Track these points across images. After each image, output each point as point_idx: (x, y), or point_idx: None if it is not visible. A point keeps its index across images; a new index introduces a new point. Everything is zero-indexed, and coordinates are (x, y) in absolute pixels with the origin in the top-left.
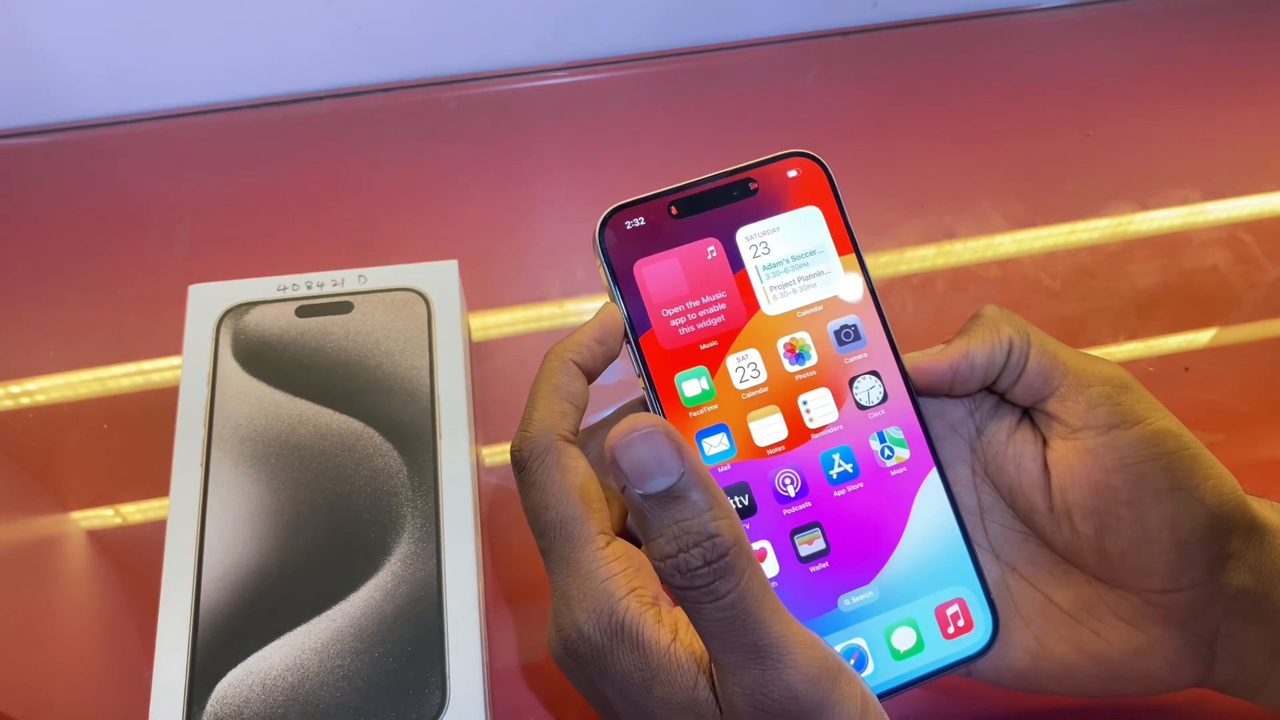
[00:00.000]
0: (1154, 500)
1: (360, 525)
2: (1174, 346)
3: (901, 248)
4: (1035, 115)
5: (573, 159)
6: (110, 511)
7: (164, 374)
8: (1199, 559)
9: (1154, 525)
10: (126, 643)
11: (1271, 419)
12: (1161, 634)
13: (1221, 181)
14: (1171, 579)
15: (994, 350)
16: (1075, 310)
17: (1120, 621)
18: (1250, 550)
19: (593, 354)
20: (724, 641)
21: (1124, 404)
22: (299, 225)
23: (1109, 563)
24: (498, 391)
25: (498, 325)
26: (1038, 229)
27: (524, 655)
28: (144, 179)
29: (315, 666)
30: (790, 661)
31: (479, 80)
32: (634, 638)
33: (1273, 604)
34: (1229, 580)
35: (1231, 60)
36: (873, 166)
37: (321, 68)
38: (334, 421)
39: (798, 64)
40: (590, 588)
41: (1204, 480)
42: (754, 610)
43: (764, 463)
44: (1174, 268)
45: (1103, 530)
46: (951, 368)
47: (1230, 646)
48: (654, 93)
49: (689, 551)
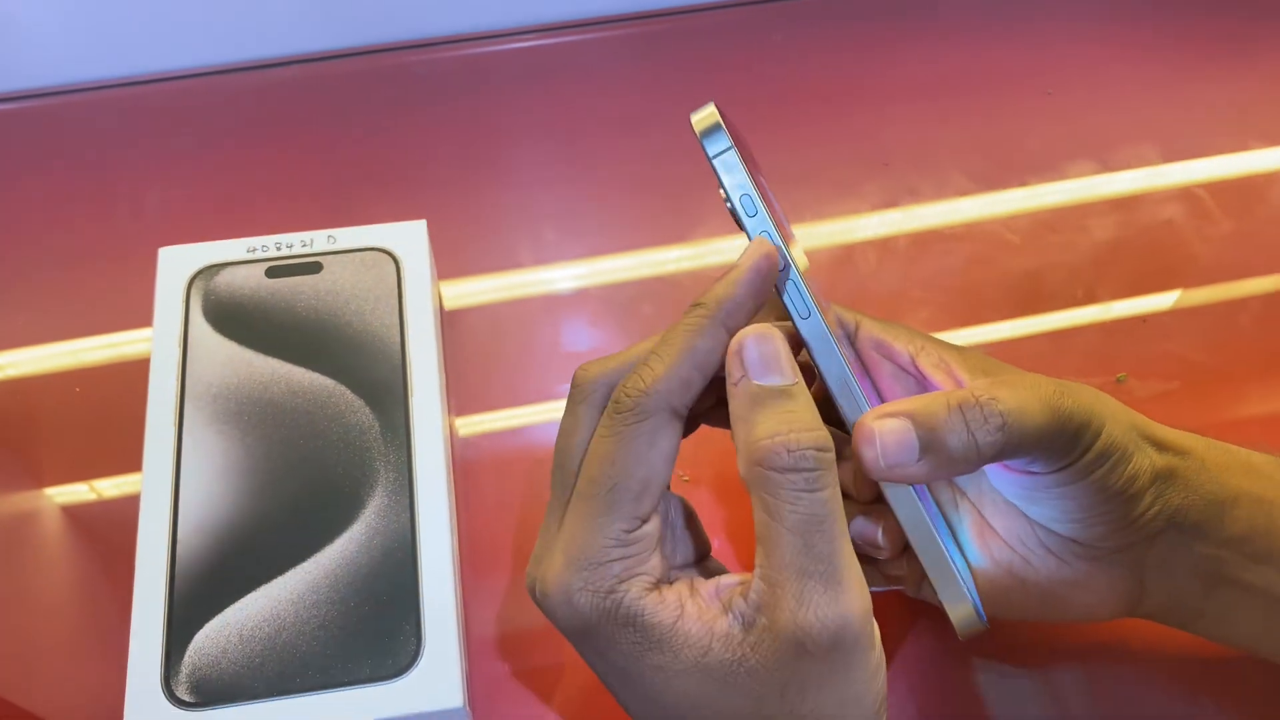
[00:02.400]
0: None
1: (334, 479)
2: (1130, 298)
3: (865, 205)
4: (996, 74)
5: (541, 123)
6: (84, 487)
7: (135, 344)
8: (1117, 507)
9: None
10: (102, 606)
11: (1224, 367)
12: (1088, 569)
13: (1178, 139)
14: (1093, 529)
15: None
16: (1035, 264)
17: (1049, 554)
18: (1170, 487)
19: (746, 311)
20: (804, 541)
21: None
22: (268, 191)
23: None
24: (470, 360)
25: (470, 294)
26: (998, 186)
27: (499, 606)
28: (111, 147)
29: (292, 617)
30: (850, 586)
31: (445, 44)
32: (632, 619)
33: (1199, 533)
34: (1151, 519)
35: (1188, 21)
36: (837, 125)
37: (289, 33)
38: (306, 379)
39: (765, 26)
40: (592, 565)
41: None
42: (839, 518)
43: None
44: (1131, 223)
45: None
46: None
47: (1159, 579)
48: (622, 56)
49: (800, 435)
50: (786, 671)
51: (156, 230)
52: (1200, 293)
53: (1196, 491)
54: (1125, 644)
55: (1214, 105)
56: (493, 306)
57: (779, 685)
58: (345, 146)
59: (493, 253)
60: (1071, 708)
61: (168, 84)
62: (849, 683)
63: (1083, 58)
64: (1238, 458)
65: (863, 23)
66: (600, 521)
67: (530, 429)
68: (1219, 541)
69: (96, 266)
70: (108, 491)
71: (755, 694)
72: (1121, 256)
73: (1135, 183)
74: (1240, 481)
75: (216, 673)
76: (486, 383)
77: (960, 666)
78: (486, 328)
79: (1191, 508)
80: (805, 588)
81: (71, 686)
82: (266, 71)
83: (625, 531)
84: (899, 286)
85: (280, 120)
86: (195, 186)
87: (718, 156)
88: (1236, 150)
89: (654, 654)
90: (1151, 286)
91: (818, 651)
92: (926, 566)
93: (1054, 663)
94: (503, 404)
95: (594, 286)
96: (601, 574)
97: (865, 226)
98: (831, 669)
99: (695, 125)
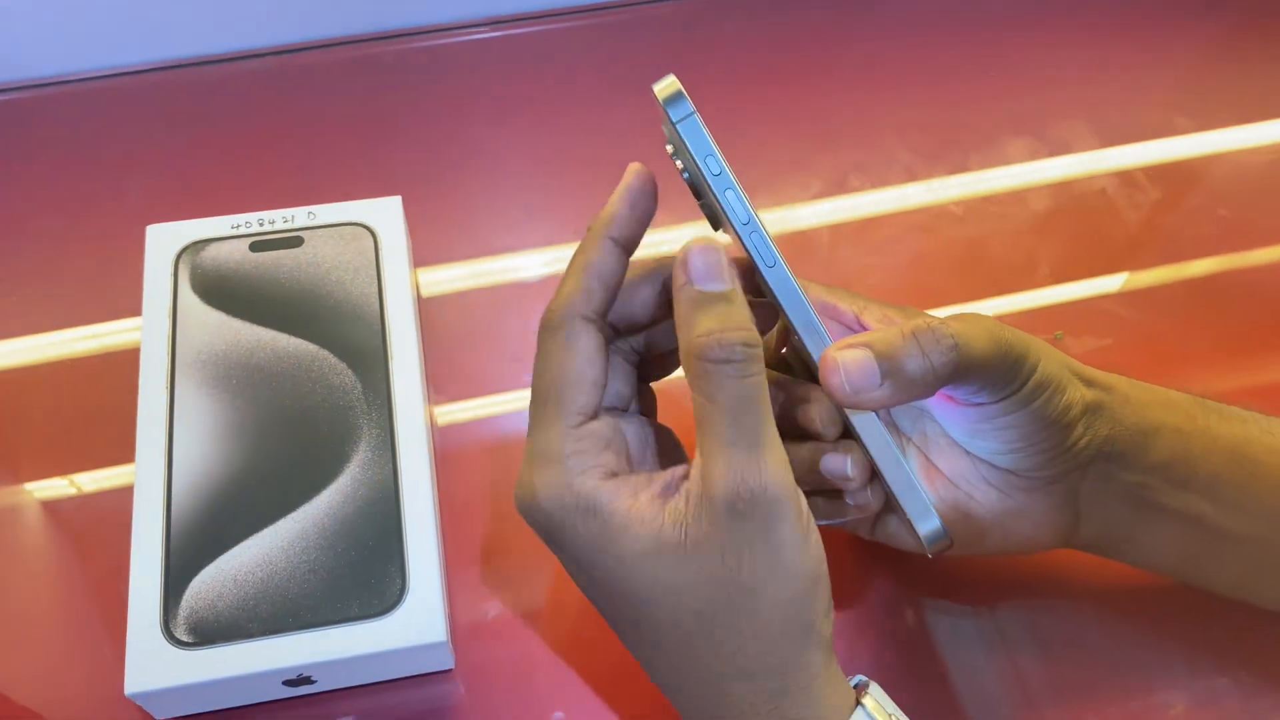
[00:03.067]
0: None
1: (319, 436)
2: (1066, 260)
3: (815, 182)
4: (936, 57)
5: (505, 111)
6: (78, 475)
7: (125, 331)
8: (1053, 435)
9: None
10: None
11: (1154, 321)
12: (1027, 499)
13: (1109, 115)
14: (1031, 458)
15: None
16: (978, 232)
17: (991, 488)
18: (1099, 418)
19: (628, 223)
20: (733, 418)
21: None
22: (246, 179)
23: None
24: (445, 345)
25: (445, 281)
26: (942, 161)
27: (480, 554)
28: (95, 137)
29: (283, 562)
30: (772, 458)
31: (414, 36)
32: (591, 507)
33: (1125, 461)
34: (1083, 448)
35: (1116, 7)
36: (786, 107)
37: (262, 26)
38: (290, 345)
39: (718, 14)
40: (551, 462)
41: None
42: (764, 401)
43: None
44: (1066, 192)
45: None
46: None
47: (1092, 506)
48: (581, 46)
49: (731, 332)
50: (723, 535)
51: (140, 215)
52: (1131, 256)
53: (1122, 423)
54: (1063, 579)
55: (1143, 84)
56: (467, 293)
57: (718, 549)
58: (318, 134)
59: (465, 236)
60: (1014, 640)
61: (146, 76)
62: (778, 547)
63: (1021, 39)
64: (1157, 394)
65: (813, 10)
66: (549, 423)
67: (506, 416)
68: (1143, 469)
69: (82, 249)
70: (101, 478)
71: (700, 563)
72: (1058, 224)
73: (1071, 156)
74: (1160, 414)
75: (213, 615)
76: (461, 368)
77: (912, 607)
78: (460, 314)
79: (1118, 438)
80: (732, 456)
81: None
82: (241, 63)
83: (571, 426)
84: (849, 255)
85: (256, 109)
86: (176, 173)
87: (681, 121)
88: (1163, 125)
89: (614, 544)
90: (1085, 251)
91: (746, 511)
92: (893, 487)
93: (999, 600)
94: (479, 390)
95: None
96: (559, 468)
97: (815, 202)
98: (759, 529)
99: (658, 94)
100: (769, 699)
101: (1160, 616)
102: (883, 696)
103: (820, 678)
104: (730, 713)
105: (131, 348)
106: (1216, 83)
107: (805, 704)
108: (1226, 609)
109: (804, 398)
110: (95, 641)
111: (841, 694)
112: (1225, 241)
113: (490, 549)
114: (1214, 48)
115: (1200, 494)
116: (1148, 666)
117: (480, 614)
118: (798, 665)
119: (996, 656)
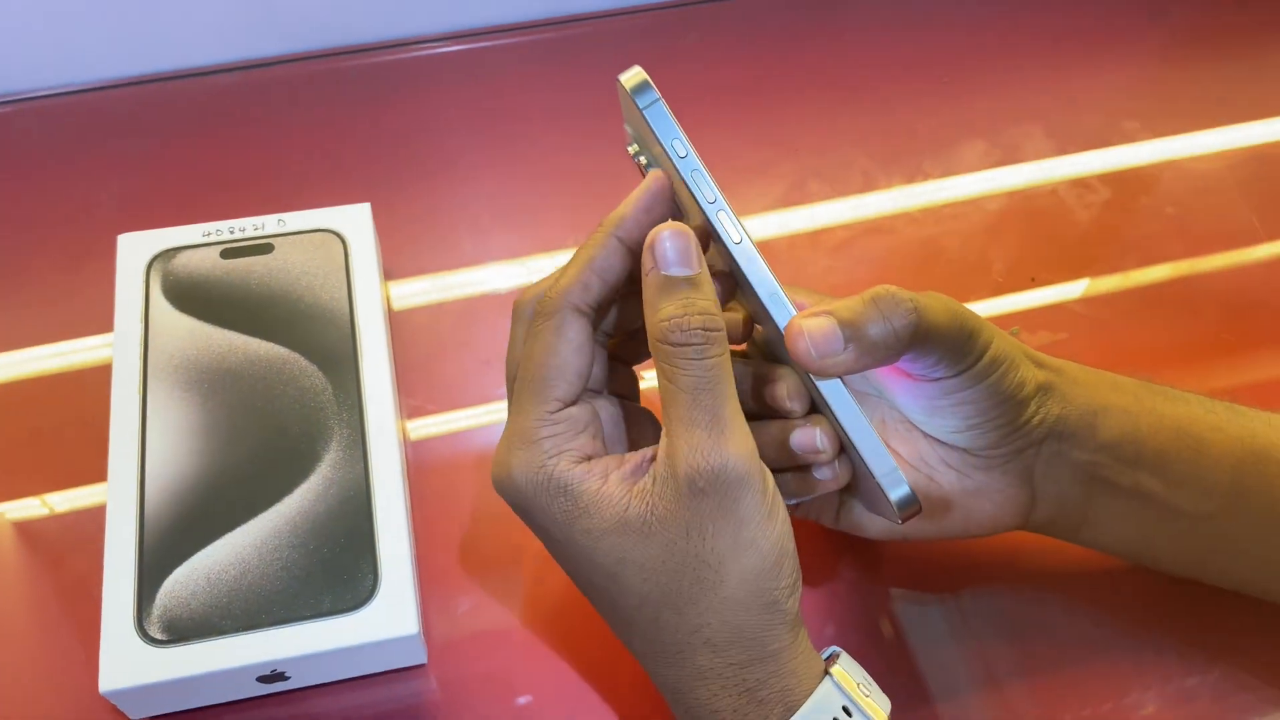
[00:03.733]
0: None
1: (291, 436)
2: (1020, 259)
3: (775, 188)
4: (892, 66)
5: (473, 124)
6: (44, 494)
7: (97, 348)
8: (1007, 411)
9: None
10: (76, 579)
11: (1107, 316)
12: (984, 478)
13: (1058, 120)
14: (987, 435)
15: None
16: (934, 233)
17: (949, 468)
18: (1050, 398)
19: (639, 225)
20: (693, 399)
21: None
22: (217, 191)
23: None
24: (416, 356)
25: (415, 293)
26: (898, 167)
27: (453, 555)
28: (64, 151)
29: (256, 560)
30: (733, 437)
31: (381, 49)
32: (563, 488)
33: (1076, 440)
34: (1035, 425)
35: (1066, 14)
36: (749, 117)
37: (231, 42)
38: (261, 349)
39: (679, 28)
40: (528, 444)
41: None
42: (725, 381)
43: None
44: (1019, 193)
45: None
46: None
47: (1046, 485)
48: (546, 58)
49: (692, 316)
50: (687, 512)
51: (113, 228)
52: (1082, 252)
53: (1072, 403)
54: (1027, 567)
55: (1093, 90)
56: (437, 305)
57: (683, 526)
58: (289, 149)
59: (433, 247)
60: (974, 623)
61: (118, 90)
62: (741, 523)
63: (973, 48)
64: (1104, 377)
65: (771, 22)
66: (529, 407)
67: (477, 426)
68: (1094, 448)
69: (53, 265)
70: (77, 491)
71: (666, 539)
72: (1011, 224)
73: (1023, 159)
74: (1108, 395)
75: (187, 612)
76: (434, 380)
77: (877, 595)
78: (430, 325)
79: (1068, 417)
80: (694, 435)
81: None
82: (209, 78)
83: (550, 413)
84: (809, 259)
85: (225, 123)
86: (146, 187)
87: (649, 107)
88: (1111, 128)
89: (584, 519)
90: (1038, 250)
91: (709, 488)
92: (863, 454)
93: (959, 586)
94: (450, 401)
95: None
96: (534, 450)
97: (776, 204)
98: (721, 506)
99: (625, 83)
100: (736, 670)
101: (1119, 600)
102: (852, 665)
103: (787, 651)
104: (698, 683)
105: (104, 363)
106: (1164, 88)
107: (772, 675)
108: (1186, 592)
109: (771, 377)
110: (69, 643)
111: (809, 665)
112: (1173, 239)
113: (463, 550)
114: (1160, 54)
115: (1149, 471)
116: (1111, 649)
117: (453, 612)
118: (762, 640)
119: (963, 642)
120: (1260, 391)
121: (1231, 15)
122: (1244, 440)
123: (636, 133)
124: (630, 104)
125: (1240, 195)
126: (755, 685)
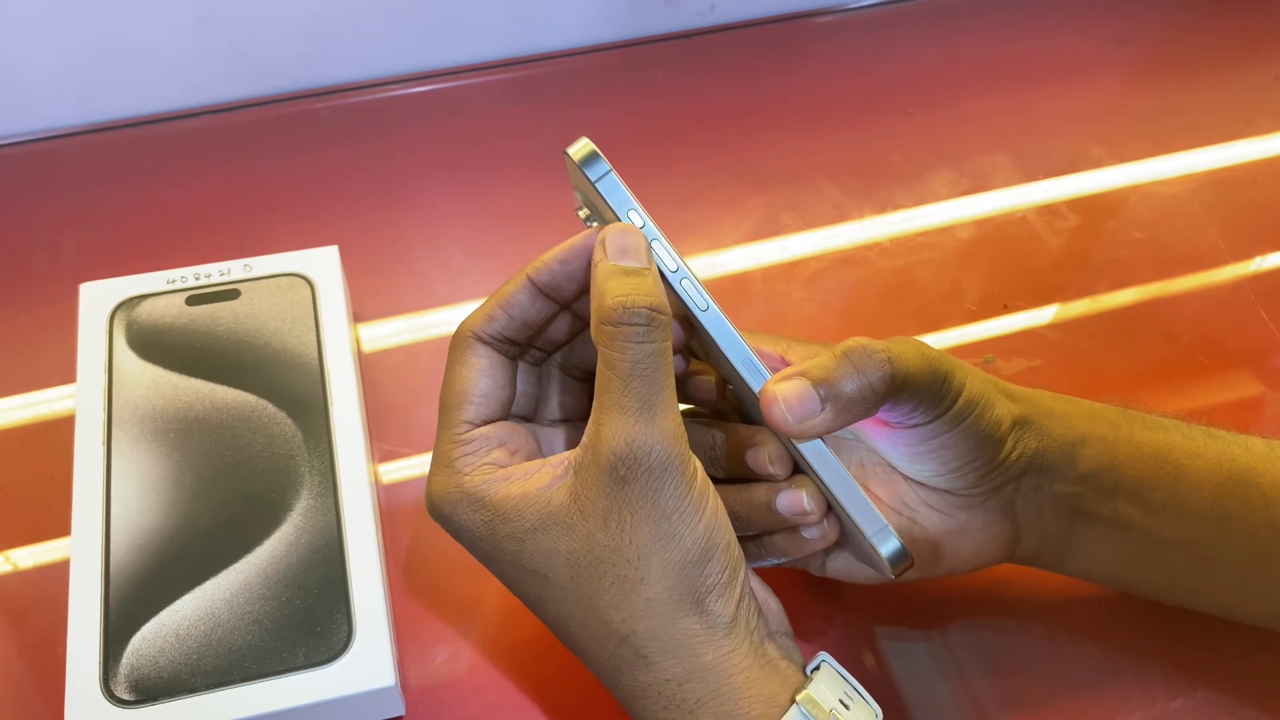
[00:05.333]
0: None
1: (260, 485)
2: (992, 287)
3: (747, 221)
4: (860, 99)
5: (441, 163)
6: (3, 554)
7: (60, 399)
8: (985, 451)
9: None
10: (39, 641)
11: (1079, 341)
12: (967, 517)
13: (1025, 148)
14: (967, 476)
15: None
16: (906, 262)
17: (932, 510)
18: (1027, 432)
19: (550, 271)
20: (625, 384)
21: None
22: (183, 236)
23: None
24: (386, 399)
25: (384, 336)
26: (868, 197)
27: (429, 603)
28: (26, 199)
29: (226, 614)
30: (663, 422)
31: (345, 91)
32: (480, 500)
33: (1055, 473)
34: (1014, 461)
35: (1028, 44)
36: (719, 151)
37: (196, 85)
38: (229, 396)
39: (646, 64)
40: (441, 466)
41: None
42: (663, 371)
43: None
44: (989, 221)
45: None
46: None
47: (1028, 519)
48: (514, 97)
49: (639, 297)
50: (606, 500)
51: (76, 277)
52: (1053, 277)
53: (1049, 435)
54: (1010, 599)
55: (1057, 117)
56: (406, 347)
57: (602, 515)
58: (254, 192)
59: (403, 287)
60: (959, 656)
61: (80, 137)
62: (663, 514)
63: (937, 80)
64: (1081, 406)
65: (738, 56)
66: (441, 431)
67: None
68: (1073, 479)
69: (14, 314)
70: (39, 549)
71: (587, 531)
72: (982, 252)
73: (992, 187)
74: (1085, 425)
75: (155, 671)
76: (404, 421)
77: (861, 633)
78: (400, 367)
79: (1046, 450)
80: (621, 421)
81: None
82: (176, 123)
83: (459, 434)
84: (783, 291)
85: (192, 168)
86: (111, 233)
87: (600, 180)
88: (1078, 154)
89: (504, 525)
90: (1010, 277)
91: (630, 476)
92: (851, 513)
93: (945, 621)
94: (421, 444)
95: None
96: (448, 471)
97: (749, 237)
98: (643, 495)
99: (574, 155)
100: (673, 688)
101: (1101, 627)
102: (832, 681)
103: (727, 664)
104: (642, 702)
105: (68, 415)
106: (1129, 115)
107: (712, 695)
108: (1171, 622)
109: (750, 441)
110: (33, 705)
111: (765, 685)
112: (1142, 263)
113: (439, 596)
114: (1125, 82)
115: (1128, 500)
116: (1095, 675)
117: (430, 660)
118: (693, 649)
119: (949, 678)
120: (1233, 411)
121: (1192, 43)
122: (1222, 465)
123: (586, 198)
124: (579, 174)
125: (1205, 217)
126: (695, 705)
